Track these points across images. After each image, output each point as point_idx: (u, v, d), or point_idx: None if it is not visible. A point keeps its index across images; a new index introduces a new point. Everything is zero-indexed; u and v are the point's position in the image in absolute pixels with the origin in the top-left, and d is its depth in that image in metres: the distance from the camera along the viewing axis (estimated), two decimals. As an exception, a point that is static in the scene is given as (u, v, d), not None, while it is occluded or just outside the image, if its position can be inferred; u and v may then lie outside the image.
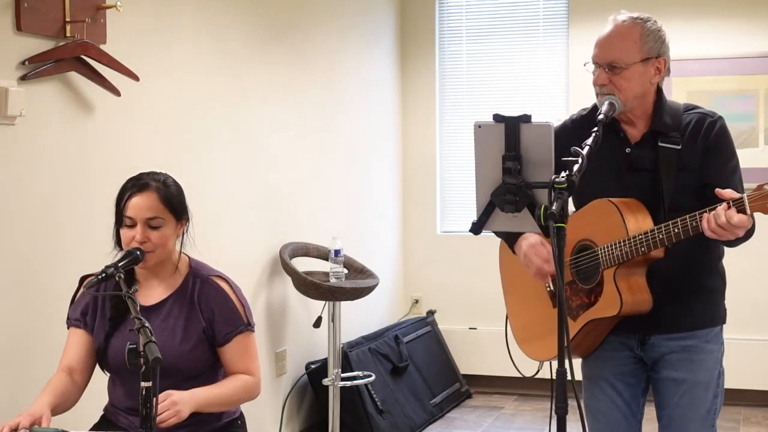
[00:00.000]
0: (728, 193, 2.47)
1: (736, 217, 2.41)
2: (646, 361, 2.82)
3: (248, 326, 2.83)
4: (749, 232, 2.52)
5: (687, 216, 2.51)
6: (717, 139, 2.70)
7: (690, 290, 2.74)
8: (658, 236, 2.55)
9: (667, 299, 2.69)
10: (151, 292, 2.80)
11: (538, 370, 2.98)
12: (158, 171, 2.83)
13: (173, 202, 2.78)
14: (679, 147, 2.68)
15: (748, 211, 2.43)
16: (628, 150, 2.72)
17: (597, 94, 2.69)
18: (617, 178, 2.72)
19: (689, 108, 2.77)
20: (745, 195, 2.44)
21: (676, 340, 2.75)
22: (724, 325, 2.83)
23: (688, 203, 2.65)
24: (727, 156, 2.72)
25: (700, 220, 2.48)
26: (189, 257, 2.88)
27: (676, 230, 2.53)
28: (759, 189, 2.43)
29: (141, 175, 2.79)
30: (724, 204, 2.44)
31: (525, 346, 2.95)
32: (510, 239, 2.85)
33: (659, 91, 2.74)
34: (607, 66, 2.64)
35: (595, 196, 2.69)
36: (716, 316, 2.81)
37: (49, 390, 2.71)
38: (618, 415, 2.84)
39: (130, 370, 2.29)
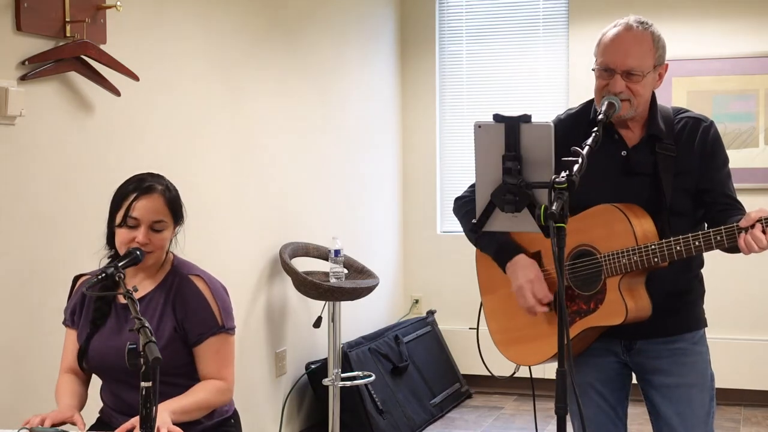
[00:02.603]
0: (755, 214, 2.45)
1: None
2: (630, 366, 2.81)
3: (222, 329, 2.77)
4: None
5: (711, 230, 2.49)
6: (713, 145, 2.70)
7: (675, 295, 2.73)
8: (675, 248, 2.52)
9: (654, 305, 2.67)
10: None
11: (514, 373, 2.97)
12: (156, 173, 2.84)
13: (175, 207, 2.80)
14: (675, 155, 2.68)
15: None
16: (624, 153, 2.71)
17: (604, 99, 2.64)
18: (613, 181, 2.69)
19: (679, 112, 2.77)
20: None
21: (663, 344, 2.74)
22: (710, 325, 2.83)
23: (684, 206, 2.67)
24: (723, 161, 2.73)
25: (727, 236, 2.47)
26: (174, 255, 2.88)
27: (696, 243, 2.50)
28: None
29: (144, 176, 2.79)
30: (759, 225, 2.42)
31: (506, 350, 2.89)
32: (499, 257, 2.81)
33: (653, 96, 2.74)
34: (624, 73, 2.62)
35: (590, 198, 2.65)
36: (700, 319, 2.81)
37: (67, 393, 2.75)
38: (605, 420, 2.83)
39: (118, 369, 2.28)
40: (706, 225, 2.70)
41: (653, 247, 2.55)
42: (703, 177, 2.68)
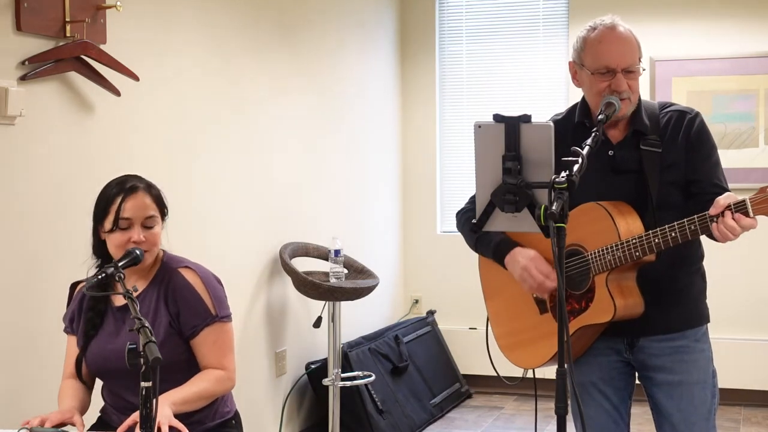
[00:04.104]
0: (724, 200, 2.44)
1: (746, 221, 2.41)
2: (633, 364, 2.81)
3: (216, 318, 2.77)
4: None
5: (685, 220, 2.50)
6: (698, 135, 2.70)
7: (676, 291, 2.73)
8: (654, 240, 2.53)
9: (654, 301, 2.68)
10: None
11: (522, 377, 2.96)
12: (132, 174, 2.82)
13: (161, 202, 2.81)
14: (660, 150, 2.68)
15: (751, 214, 2.41)
16: (611, 152, 2.71)
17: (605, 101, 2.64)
18: (602, 180, 2.69)
19: (665, 106, 2.78)
20: (747, 198, 2.42)
21: (666, 342, 2.74)
22: (709, 325, 2.83)
23: (673, 200, 2.67)
24: (709, 150, 2.72)
25: (700, 225, 2.47)
26: (164, 251, 2.88)
27: (673, 234, 2.51)
28: (762, 191, 2.40)
29: (125, 178, 2.79)
30: (728, 212, 2.42)
31: (510, 354, 2.90)
32: (497, 253, 2.81)
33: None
34: (625, 70, 2.64)
35: (580, 198, 2.65)
36: (702, 315, 2.81)
37: (69, 395, 2.75)
38: (607, 419, 2.83)
39: (119, 371, 2.29)
40: None
41: (633, 241, 2.56)
42: (690, 168, 2.68)
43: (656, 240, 2.53)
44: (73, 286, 2.92)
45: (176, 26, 4.03)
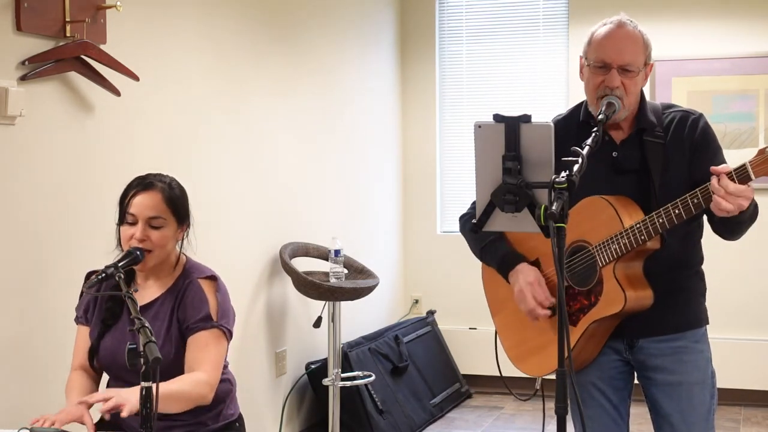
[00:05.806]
0: (723, 167, 2.44)
1: (732, 186, 2.41)
2: (633, 364, 2.82)
3: (215, 324, 2.73)
4: (754, 213, 2.53)
5: (687, 195, 2.50)
6: (703, 136, 2.71)
7: (676, 293, 2.74)
8: (658, 221, 2.54)
9: (654, 302, 2.68)
10: (146, 291, 2.80)
11: (537, 390, 2.93)
12: (165, 173, 2.84)
13: (176, 205, 2.78)
14: (664, 142, 2.68)
15: (753, 177, 2.41)
16: (614, 154, 2.72)
17: (599, 97, 2.64)
18: (605, 181, 2.70)
19: (668, 107, 2.78)
20: (747, 162, 2.41)
21: (665, 342, 2.75)
22: (710, 325, 2.84)
23: (675, 197, 2.65)
24: (715, 150, 2.73)
25: (703, 197, 2.47)
26: (187, 258, 2.87)
27: (676, 211, 2.51)
28: (761, 153, 2.40)
29: (148, 174, 2.81)
30: (724, 176, 2.42)
31: (522, 364, 2.89)
32: (503, 266, 2.82)
33: (641, 94, 2.76)
34: (621, 68, 2.63)
35: (581, 199, 2.67)
36: (702, 317, 2.82)
37: (77, 392, 2.73)
38: (607, 419, 2.83)
39: (127, 369, 2.28)
40: (705, 217, 2.70)
41: (638, 225, 2.57)
42: (696, 168, 2.68)
43: (660, 220, 2.54)
44: (89, 275, 2.90)
45: (176, 26, 4.02)
